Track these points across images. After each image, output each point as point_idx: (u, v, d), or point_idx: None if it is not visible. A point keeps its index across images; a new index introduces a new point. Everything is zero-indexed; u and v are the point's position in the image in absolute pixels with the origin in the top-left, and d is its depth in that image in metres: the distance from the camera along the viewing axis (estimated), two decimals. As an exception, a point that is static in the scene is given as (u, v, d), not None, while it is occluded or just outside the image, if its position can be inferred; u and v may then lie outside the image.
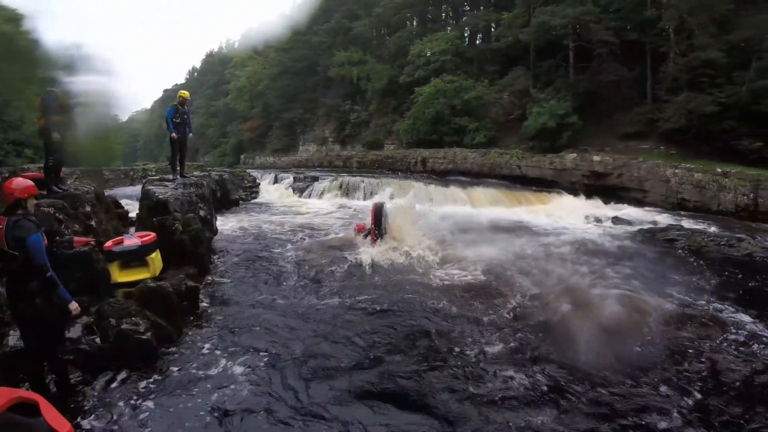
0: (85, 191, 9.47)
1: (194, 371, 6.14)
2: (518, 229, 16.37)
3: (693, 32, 23.93)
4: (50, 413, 3.96)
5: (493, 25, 37.47)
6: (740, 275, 11.31)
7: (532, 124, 27.33)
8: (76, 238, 6.83)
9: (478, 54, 37.60)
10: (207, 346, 6.83)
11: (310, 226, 16.12)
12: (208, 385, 5.81)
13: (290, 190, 25.88)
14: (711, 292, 10.06)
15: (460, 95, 32.31)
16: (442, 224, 16.15)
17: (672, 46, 25.15)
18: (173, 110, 12.65)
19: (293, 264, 11.08)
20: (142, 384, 5.77)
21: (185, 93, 13.24)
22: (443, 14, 44.92)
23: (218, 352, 6.66)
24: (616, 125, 26.29)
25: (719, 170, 19.41)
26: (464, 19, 41.03)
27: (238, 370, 6.19)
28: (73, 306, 5.05)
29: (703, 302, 9.24)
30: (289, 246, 12.87)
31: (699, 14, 23.76)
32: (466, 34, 40.46)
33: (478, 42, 40.30)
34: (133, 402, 5.45)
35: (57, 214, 7.81)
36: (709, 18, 23.71)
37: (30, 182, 5.09)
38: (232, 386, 5.80)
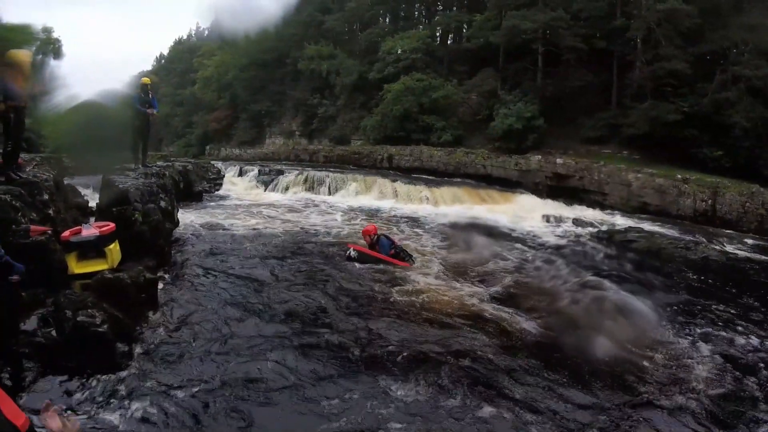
0: (43, 179, 8.94)
1: (150, 366, 5.79)
2: (480, 228, 16.28)
3: (660, 43, 24.31)
4: (5, 404, 3.71)
5: (464, 26, 37.59)
6: (696, 277, 11.39)
7: (499, 125, 27.40)
8: (32, 227, 6.48)
9: (448, 54, 37.61)
10: (164, 339, 6.46)
11: (274, 220, 15.76)
12: (164, 381, 5.47)
13: (255, 183, 25.37)
14: (664, 290, 10.10)
15: (428, 94, 32.17)
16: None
17: (639, 55, 25.56)
18: (138, 98, 12.43)
19: (254, 258, 10.72)
20: (98, 378, 5.39)
21: (146, 79, 13.10)
22: (416, 12, 44.90)
23: (175, 347, 6.31)
24: (581, 129, 26.60)
25: (680, 176, 19.74)
26: (436, 18, 41.01)
27: (195, 365, 5.86)
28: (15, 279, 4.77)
29: (656, 301, 9.22)
30: (249, 240, 12.49)
31: (666, 26, 24.17)
32: (437, 34, 40.47)
33: (449, 42, 40.35)
34: (87, 396, 5.09)
35: (14, 202, 7.33)
36: (675, 30, 24.15)
37: None
38: (188, 383, 5.47)
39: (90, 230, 7.87)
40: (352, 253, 10.68)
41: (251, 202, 20.35)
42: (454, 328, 7.25)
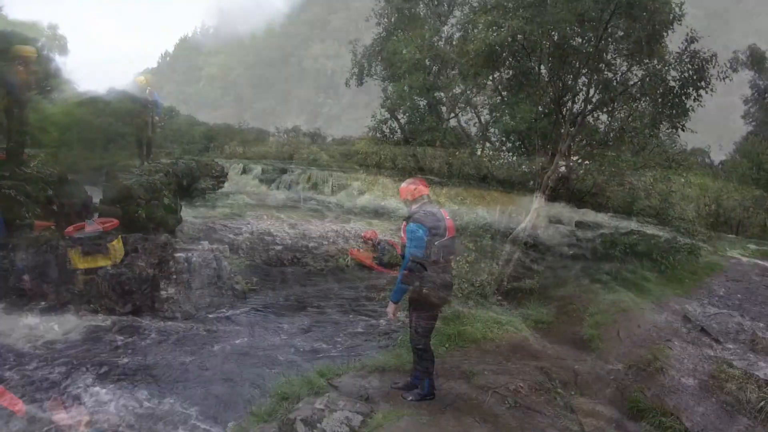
0: (48, 174, 9.06)
1: (151, 361, 5.93)
2: (487, 230, 16.28)
3: (665, 45, 24.17)
4: (2, 395, 4.00)
5: (469, 27, 37.47)
6: (702, 281, 11.39)
7: (502, 125, 27.26)
8: (36, 222, 6.60)
9: (453, 54, 37.51)
10: (165, 334, 6.57)
11: (276, 219, 15.83)
12: (165, 375, 5.65)
13: (258, 181, 25.42)
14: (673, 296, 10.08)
15: (431, 93, 32.09)
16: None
17: (643, 56, 25.41)
18: (137, 97, 12.66)
19: (255, 257, 10.83)
20: (98, 371, 5.52)
21: (140, 79, 13.18)
22: (421, 13, 44.72)
23: (176, 342, 6.40)
24: (585, 131, 26.40)
25: (683, 180, 19.68)
26: (442, 18, 40.91)
27: (196, 360, 5.96)
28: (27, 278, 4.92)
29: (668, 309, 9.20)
30: (251, 238, 12.59)
31: (671, 28, 24.06)
32: (442, 34, 40.33)
33: (453, 42, 40.23)
34: (87, 388, 5.26)
35: (18, 197, 7.41)
36: (680, 32, 24.04)
37: None
38: (188, 378, 5.58)
39: (93, 226, 8.03)
40: (349, 261, 10.75)
41: (254, 200, 20.39)
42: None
